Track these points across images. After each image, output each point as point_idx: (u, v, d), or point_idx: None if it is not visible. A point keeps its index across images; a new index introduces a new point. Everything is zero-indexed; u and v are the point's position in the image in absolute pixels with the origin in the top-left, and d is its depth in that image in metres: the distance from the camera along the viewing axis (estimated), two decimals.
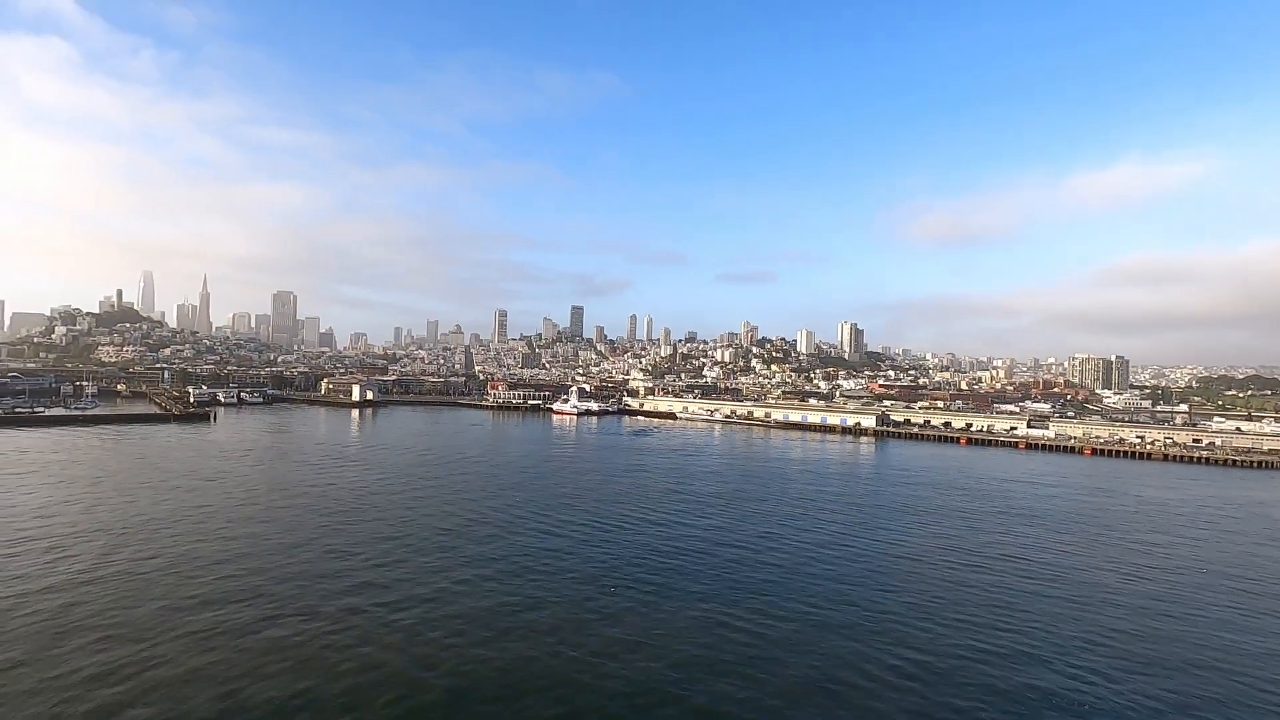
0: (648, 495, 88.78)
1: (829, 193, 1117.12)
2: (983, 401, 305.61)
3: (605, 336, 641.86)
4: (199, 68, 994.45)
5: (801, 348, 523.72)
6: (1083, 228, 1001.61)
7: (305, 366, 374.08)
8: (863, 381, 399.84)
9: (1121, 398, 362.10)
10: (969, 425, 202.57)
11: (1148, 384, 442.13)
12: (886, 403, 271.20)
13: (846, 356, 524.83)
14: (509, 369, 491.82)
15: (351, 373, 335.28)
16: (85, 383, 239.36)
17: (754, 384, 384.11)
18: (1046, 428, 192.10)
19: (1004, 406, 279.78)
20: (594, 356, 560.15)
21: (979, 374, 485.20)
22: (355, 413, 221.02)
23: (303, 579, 50.93)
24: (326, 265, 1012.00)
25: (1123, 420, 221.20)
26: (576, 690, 35.42)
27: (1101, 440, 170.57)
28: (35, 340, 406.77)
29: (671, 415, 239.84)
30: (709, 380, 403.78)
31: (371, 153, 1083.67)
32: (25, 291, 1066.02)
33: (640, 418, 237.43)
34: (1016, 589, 53.89)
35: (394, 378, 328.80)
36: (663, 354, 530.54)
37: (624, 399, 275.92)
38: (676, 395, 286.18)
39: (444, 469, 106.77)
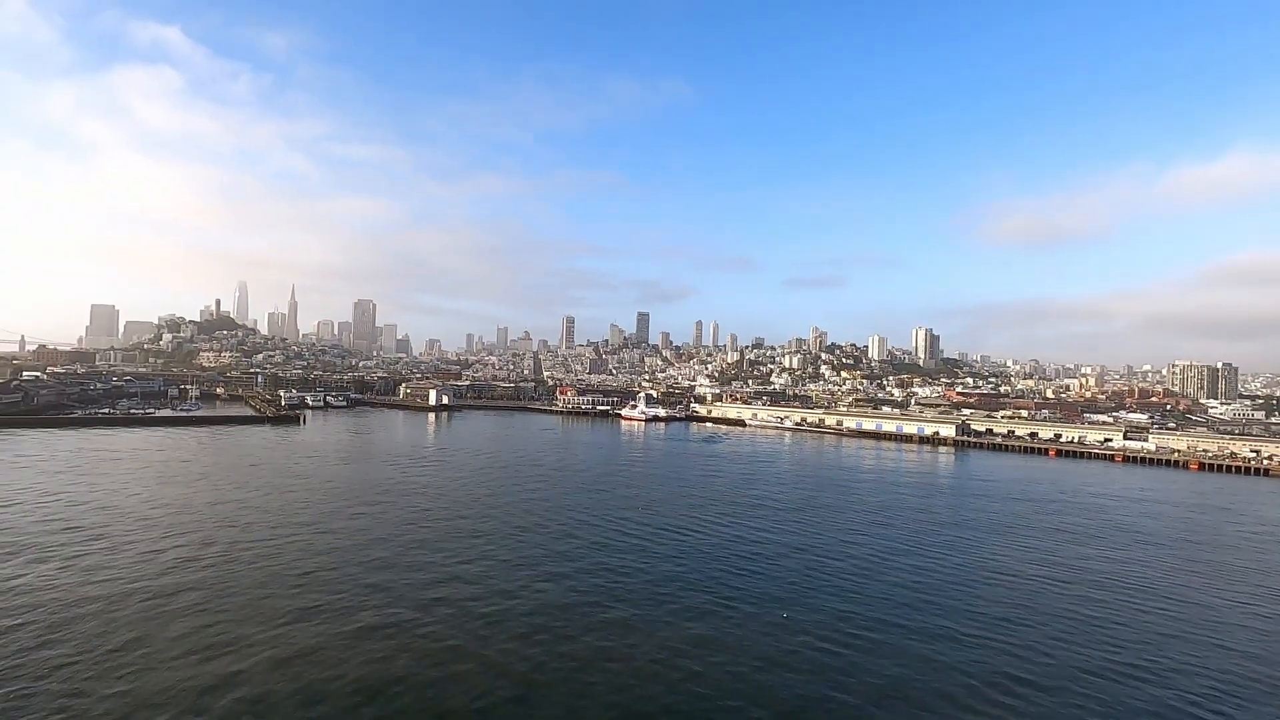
0: (722, 502, 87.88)
1: (902, 195, 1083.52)
2: (1071, 411, 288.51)
3: (671, 343, 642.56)
4: (290, 89, 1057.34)
5: (873, 354, 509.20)
6: (1185, 224, 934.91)
7: (384, 372, 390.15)
8: (939, 389, 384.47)
9: (1230, 408, 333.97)
10: (1058, 436, 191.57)
11: (1259, 393, 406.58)
12: (965, 411, 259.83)
13: (921, 363, 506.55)
14: (576, 375, 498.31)
15: (427, 378, 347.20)
16: (189, 386, 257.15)
17: (824, 391, 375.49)
18: (1145, 440, 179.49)
19: (1095, 417, 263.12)
20: (660, 363, 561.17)
21: (1066, 382, 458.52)
22: (432, 417, 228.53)
23: (391, 572, 52.86)
24: (402, 274, 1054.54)
25: (1233, 433, 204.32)
26: (659, 690, 35.25)
27: (1210, 454, 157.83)
28: (145, 346, 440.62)
29: (740, 422, 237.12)
30: (777, 387, 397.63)
31: (446, 165, 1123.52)
32: (136, 301, 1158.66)
33: (708, 424, 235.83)
34: (1127, 612, 50.32)
35: (467, 383, 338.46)
36: (729, 360, 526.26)
37: (691, 405, 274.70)
38: (745, 402, 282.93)
39: (520, 472, 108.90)
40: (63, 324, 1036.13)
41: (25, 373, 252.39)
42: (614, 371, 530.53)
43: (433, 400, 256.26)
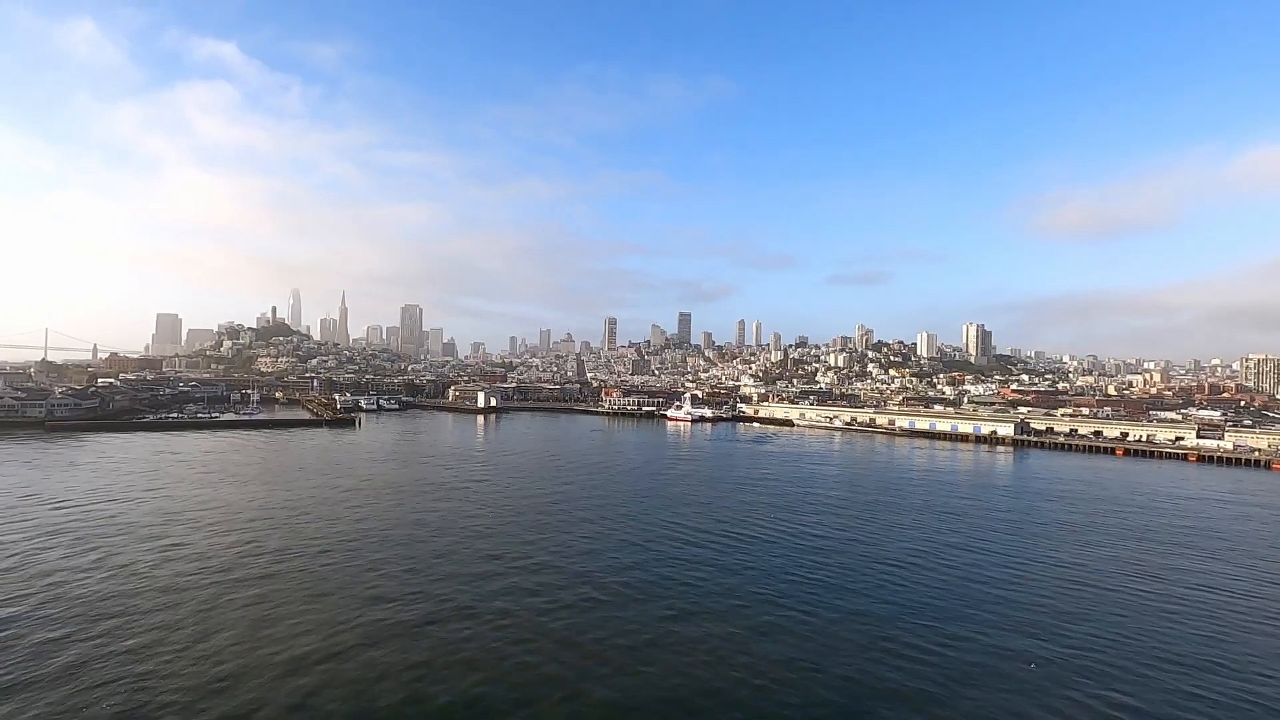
0: (780, 504, 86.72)
1: (950, 188, 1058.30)
2: (1136, 408, 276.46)
3: (713, 342, 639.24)
4: (339, 100, 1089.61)
5: (921, 351, 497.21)
6: (1259, 210, 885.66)
7: (432, 375, 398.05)
8: (992, 386, 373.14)
9: None
10: (1124, 435, 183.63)
11: None
12: (1022, 410, 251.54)
13: (972, 360, 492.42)
14: (619, 376, 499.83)
15: (474, 380, 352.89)
16: (249, 391, 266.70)
17: (872, 390, 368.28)
18: (1221, 438, 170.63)
19: (1163, 414, 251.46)
20: (702, 363, 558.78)
21: (1128, 378, 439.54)
22: (480, 419, 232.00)
23: (457, 579, 53.48)
24: (447, 278, 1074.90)
25: None
26: (730, 704, 34.75)
27: None
28: (207, 353, 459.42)
29: (788, 422, 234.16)
30: (822, 386, 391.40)
31: (490, 170, 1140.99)
32: (197, 309, 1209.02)
33: (755, 425, 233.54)
34: (1229, 626, 47.63)
35: (513, 385, 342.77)
36: (773, 359, 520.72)
37: (737, 405, 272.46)
38: (792, 401, 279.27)
39: (574, 474, 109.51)
40: (130, 332, 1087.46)
41: (100, 379, 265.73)
42: (656, 372, 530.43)
43: (481, 402, 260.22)
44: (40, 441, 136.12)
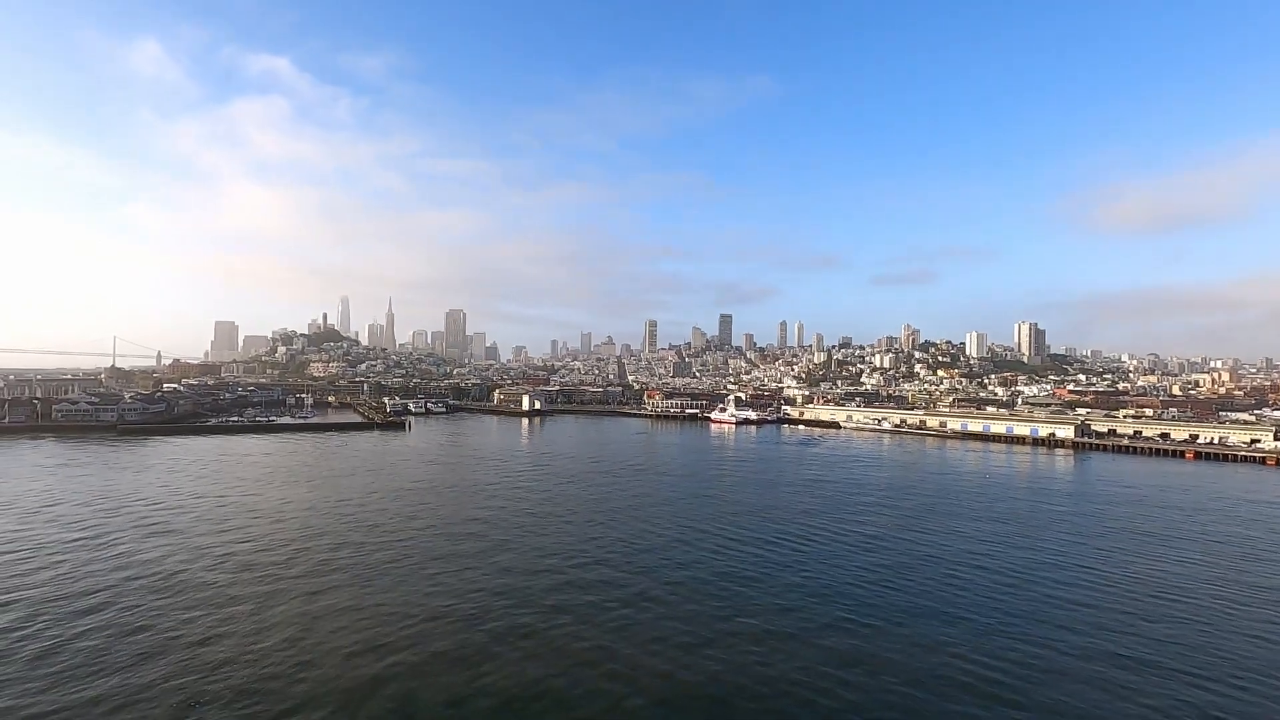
0: (834, 507, 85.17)
1: (1001, 181, 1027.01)
2: (1204, 409, 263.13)
3: (755, 344, 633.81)
4: (385, 110, 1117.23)
5: (971, 351, 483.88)
6: None
7: (477, 379, 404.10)
8: (1047, 387, 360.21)
9: None
10: (1194, 437, 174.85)
11: None
12: (1081, 411, 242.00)
13: (1025, 360, 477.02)
14: (660, 378, 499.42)
15: (517, 384, 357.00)
16: (304, 395, 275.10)
17: (920, 391, 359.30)
18: None
19: (1235, 415, 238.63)
20: (744, 365, 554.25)
21: (1194, 377, 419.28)
22: (525, 422, 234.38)
23: (513, 574, 53.98)
24: (488, 283, 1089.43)
25: None
26: (800, 703, 34.04)
27: None
28: (263, 358, 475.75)
29: (835, 424, 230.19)
30: (868, 387, 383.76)
31: (529, 176, 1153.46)
32: (253, 316, 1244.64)
33: (801, 427, 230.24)
34: None
35: (557, 388, 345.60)
36: (816, 361, 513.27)
37: (782, 408, 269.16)
38: (838, 403, 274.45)
39: (622, 476, 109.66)
40: (190, 339, 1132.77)
41: (165, 385, 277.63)
42: (698, 374, 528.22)
43: (526, 406, 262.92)
44: (113, 444, 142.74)
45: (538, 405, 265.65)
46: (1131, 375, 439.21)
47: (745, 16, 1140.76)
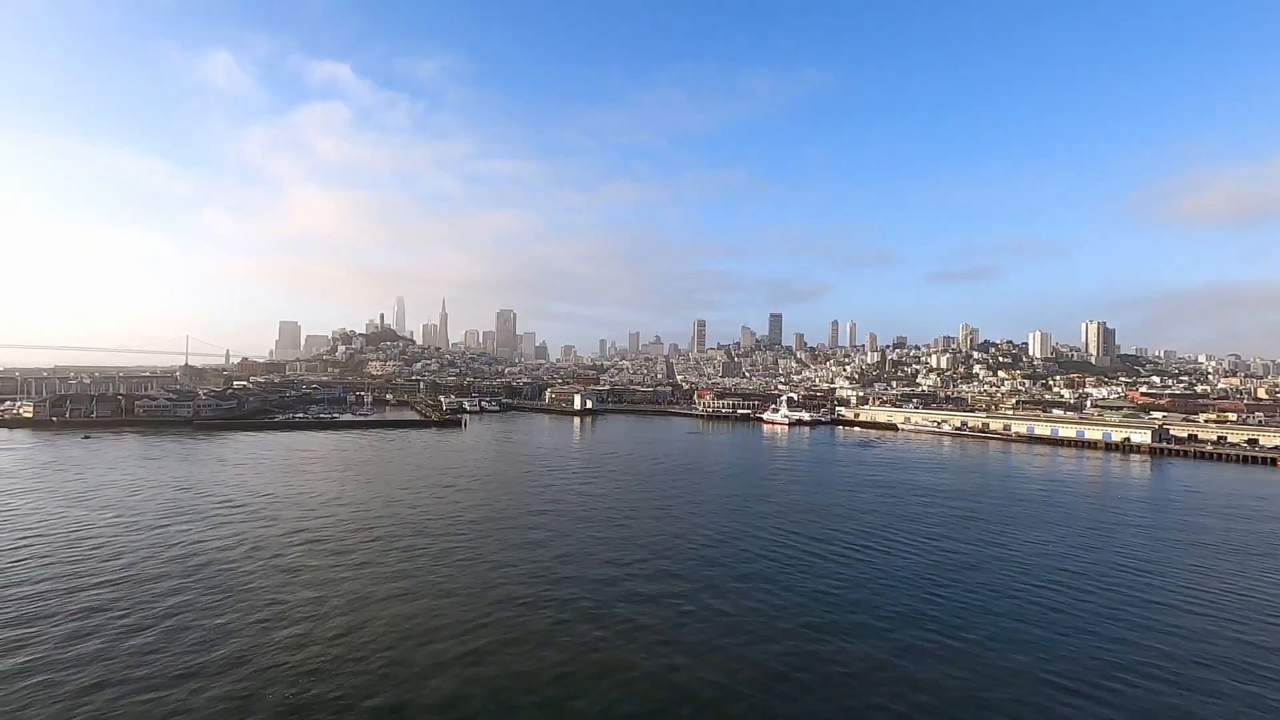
0: (900, 513, 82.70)
1: (1069, 174, 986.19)
2: None
3: (805, 344, 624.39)
4: (440, 113, 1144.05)
5: (1034, 351, 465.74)
6: None
7: (528, 378, 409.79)
8: (1117, 389, 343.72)
9: None
10: None
11: None
12: (1157, 414, 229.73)
13: (1093, 360, 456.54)
14: (709, 378, 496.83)
15: (568, 383, 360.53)
16: (363, 393, 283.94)
17: (980, 393, 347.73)
18: None
19: None
20: (794, 364, 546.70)
21: None
22: (577, 420, 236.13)
23: (579, 582, 53.77)
24: (538, 283, 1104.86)
25: None
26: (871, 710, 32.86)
27: None
28: (324, 357, 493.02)
29: (891, 426, 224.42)
30: (924, 388, 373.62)
31: (581, 176, 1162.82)
32: (313, 316, 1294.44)
33: (856, 428, 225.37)
34: None
35: (606, 388, 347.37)
36: (869, 361, 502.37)
37: (836, 409, 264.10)
38: (894, 405, 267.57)
39: (679, 477, 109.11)
40: (255, 338, 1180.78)
41: (235, 382, 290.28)
42: (747, 374, 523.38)
43: (577, 405, 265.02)
44: (190, 439, 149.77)
45: (589, 404, 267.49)
46: (1210, 377, 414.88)
47: (799, 6, 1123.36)
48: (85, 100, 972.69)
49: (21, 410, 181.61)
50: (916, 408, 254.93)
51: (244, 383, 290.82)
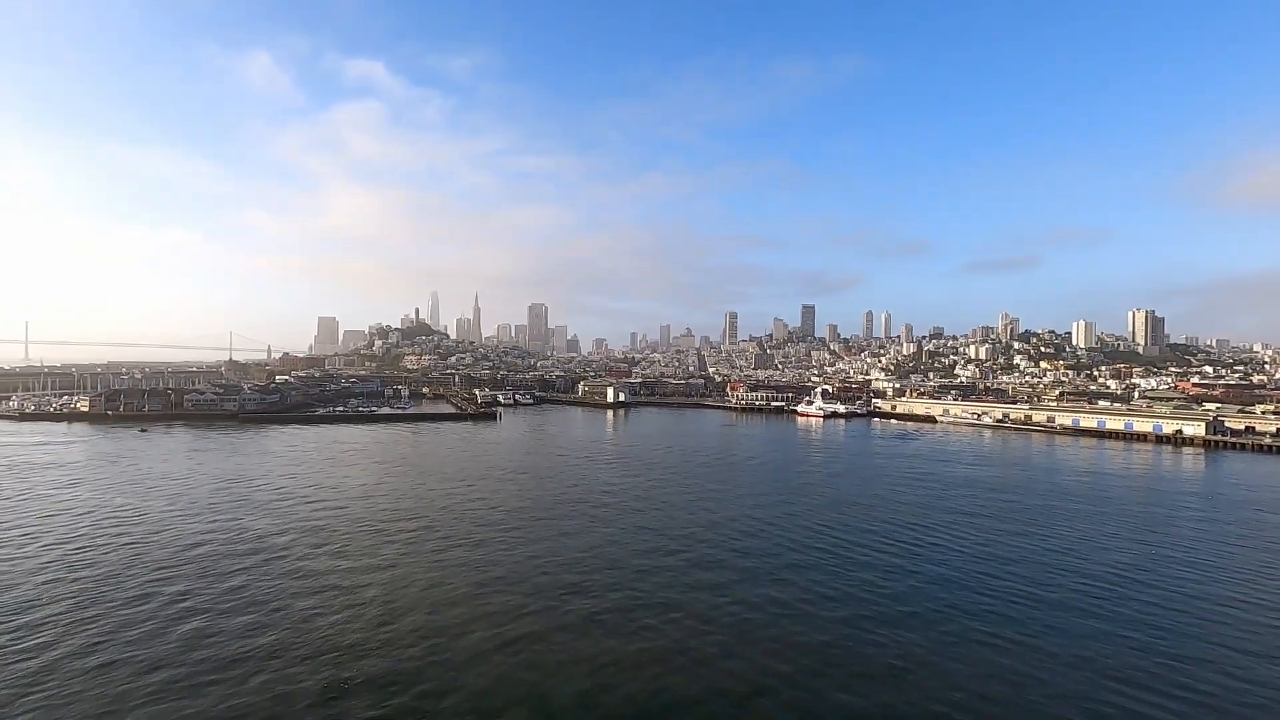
0: (945, 506, 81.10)
1: (1114, 156, 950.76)
2: None
3: (839, 335, 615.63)
4: (473, 110, 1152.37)
5: (1078, 341, 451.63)
6: None
7: (561, 371, 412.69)
8: (1167, 380, 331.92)
9: None
10: None
11: None
12: (1210, 406, 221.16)
13: (1140, 350, 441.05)
14: (741, 370, 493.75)
15: (600, 376, 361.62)
16: (400, 387, 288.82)
17: (1022, 384, 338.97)
18: None
19: None
20: (827, 356, 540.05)
21: None
22: (610, 413, 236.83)
23: (621, 570, 53.94)
24: (570, 278, 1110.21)
25: None
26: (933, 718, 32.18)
27: None
28: (361, 352, 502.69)
29: (930, 419, 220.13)
30: (963, 380, 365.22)
31: (613, 169, 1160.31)
32: (350, 311, 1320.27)
33: (893, 421, 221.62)
34: None
35: (639, 380, 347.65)
36: (905, 352, 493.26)
37: (872, 401, 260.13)
38: (933, 396, 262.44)
39: (716, 469, 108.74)
40: (293, 332, 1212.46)
41: (277, 376, 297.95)
42: (780, 366, 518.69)
43: (610, 398, 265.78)
44: (236, 431, 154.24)
45: (622, 397, 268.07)
46: (1267, 367, 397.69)
47: None
48: (134, 105, 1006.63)
49: (79, 405, 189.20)
50: (955, 399, 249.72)
51: (286, 377, 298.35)
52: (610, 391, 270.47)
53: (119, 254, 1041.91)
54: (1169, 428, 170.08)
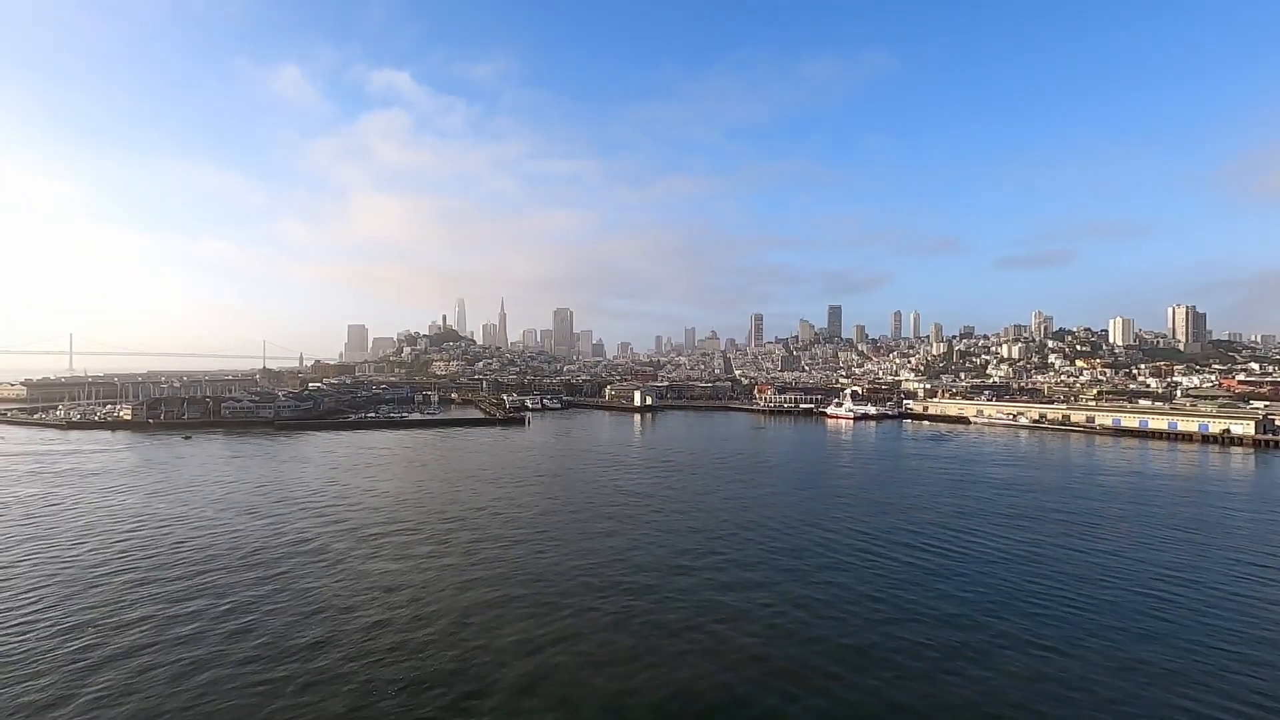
0: (988, 510, 79.32)
1: (1149, 149, 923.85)
2: None
3: (866, 336, 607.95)
4: (496, 116, 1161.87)
5: (1115, 338, 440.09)
6: None
7: (587, 375, 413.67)
8: (1210, 378, 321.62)
9: None
10: None
11: None
12: (1258, 404, 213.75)
13: (1181, 347, 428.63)
14: (768, 372, 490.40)
15: (626, 379, 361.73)
16: (430, 392, 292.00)
17: (1057, 383, 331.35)
18: None
19: None
20: (855, 357, 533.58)
21: None
22: (637, 417, 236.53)
23: (654, 577, 53.54)
24: (594, 281, 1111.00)
25: None
26: None
27: None
28: (390, 359, 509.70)
29: (963, 420, 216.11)
30: (995, 380, 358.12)
31: (636, 172, 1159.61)
32: (379, 318, 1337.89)
33: (925, 422, 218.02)
34: None
35: (665, 384, 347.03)
36: (934, 352, 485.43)
37: (903, 402, 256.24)
38: (965, 397, 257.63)
39: (745, 471, 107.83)
40: (324, 340, 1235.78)
41: (310, 384, 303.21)
42: (806, 368, 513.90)
43: (637, 401, 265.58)
44: (272, 438, 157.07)
45: (649, 401, 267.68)
46: None
47: None
48: (174, 121, 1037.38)
49: (121, 413, 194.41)
50: (989, 399, 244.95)
51: (318, 384, 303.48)
52: (637, 395, 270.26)
53: (157, 265, 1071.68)
54: (1215, 427, 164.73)
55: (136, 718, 32.26)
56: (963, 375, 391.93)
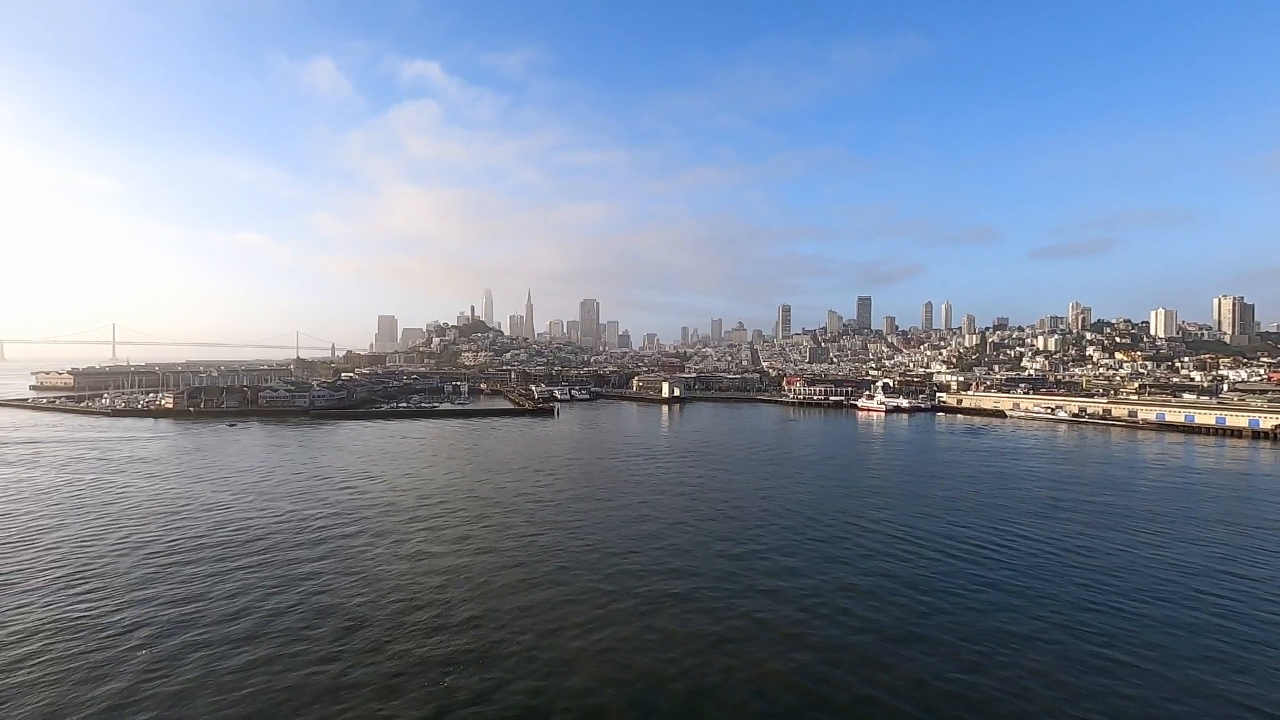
0: (1031, 508, 77.46)
1: (1193, 132, 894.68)
2: None
3: (896, 327, 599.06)
4: (525, 106, 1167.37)
5: (1157, 330, 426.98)
6: None
7: (614, 366, 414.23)
8: (1259, 371, 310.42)
9: None
10: None
11: None
12: None
13: (1228, 340, 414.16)
14: (795, 364, 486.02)
15: (652, 371, 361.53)
16: (459, 383, 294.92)
17: (1095, 376, 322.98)
18: None
19: None
20: (885, 349, 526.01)
21: None
22: (665, 408, 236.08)
23: (700, 578, 53.19)
24: (621, 272, 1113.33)
25: None
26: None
27: None
28: (420, 350, 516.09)
29: (998, 413, 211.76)
30: (1031, 372, 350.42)
31: (664, 162, 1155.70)
32: (408, 309, 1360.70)
33: (959, 415, 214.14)
34: None
35: (694, 375, 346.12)
36: (967, 344, 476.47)
37: (935, 395, 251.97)
38: (1001, 390, 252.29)
39: (777, 464, 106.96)
40: (355, 331, 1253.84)
41: (343, 374, 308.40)
42: (835, 360, 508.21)
43: (665, 392, 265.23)
44: (308, 427, 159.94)
45: (676, 392, 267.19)
46: None
47: None
48: (209, 116, 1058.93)
49: (164, 402, 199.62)
50: (1025, 393, 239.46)
51: (350, 374, 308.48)
52: (665, 386, 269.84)
53: (195, 257, 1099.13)
54: (1267, 422, 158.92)
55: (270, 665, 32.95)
56: (996, 368, 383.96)
